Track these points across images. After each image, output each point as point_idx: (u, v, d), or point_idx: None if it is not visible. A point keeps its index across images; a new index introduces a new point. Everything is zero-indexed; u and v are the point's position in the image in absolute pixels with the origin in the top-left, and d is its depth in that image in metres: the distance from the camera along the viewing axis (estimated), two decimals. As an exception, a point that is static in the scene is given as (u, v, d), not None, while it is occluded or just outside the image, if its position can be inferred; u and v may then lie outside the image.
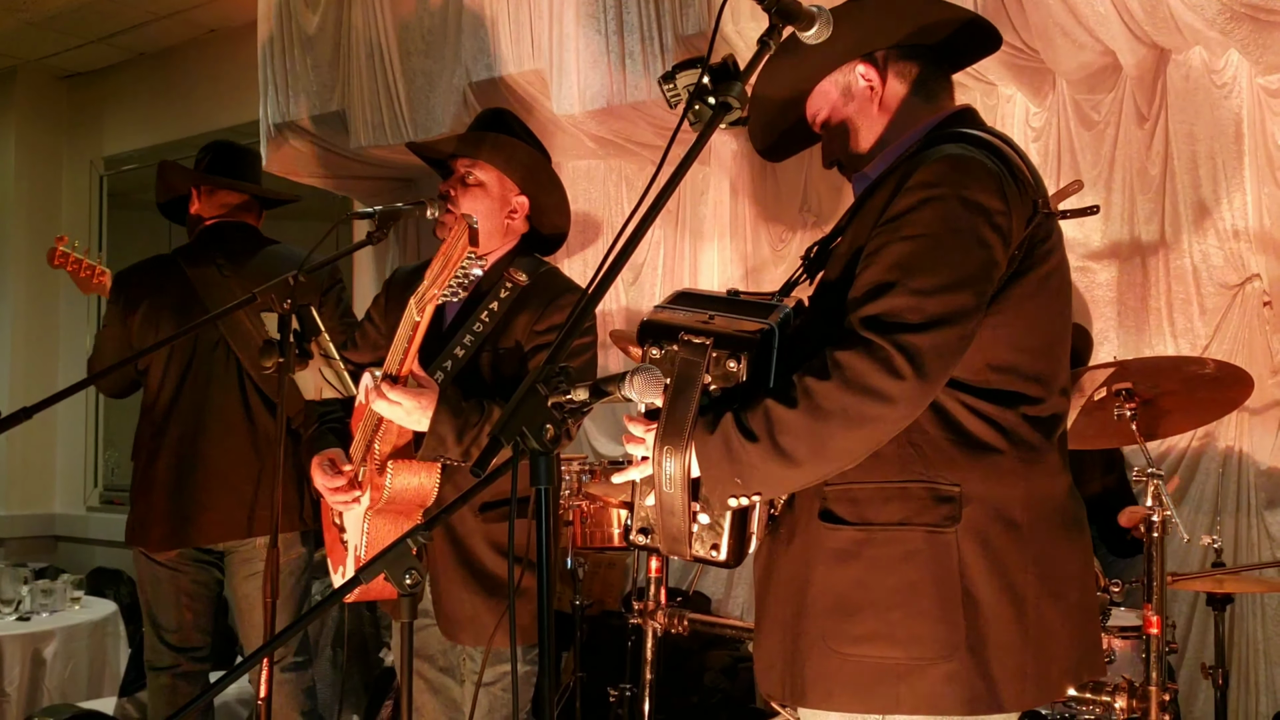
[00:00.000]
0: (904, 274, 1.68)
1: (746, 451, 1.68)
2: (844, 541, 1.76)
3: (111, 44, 7.39)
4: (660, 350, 1.73)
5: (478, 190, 2.72)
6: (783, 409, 1.67)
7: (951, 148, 1.77)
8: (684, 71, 1.72)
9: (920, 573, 1.72)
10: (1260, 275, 3.79)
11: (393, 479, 2.48)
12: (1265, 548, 3.73)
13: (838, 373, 1.65)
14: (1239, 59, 3.78)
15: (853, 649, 1.74)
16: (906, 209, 1.72)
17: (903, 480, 1.75)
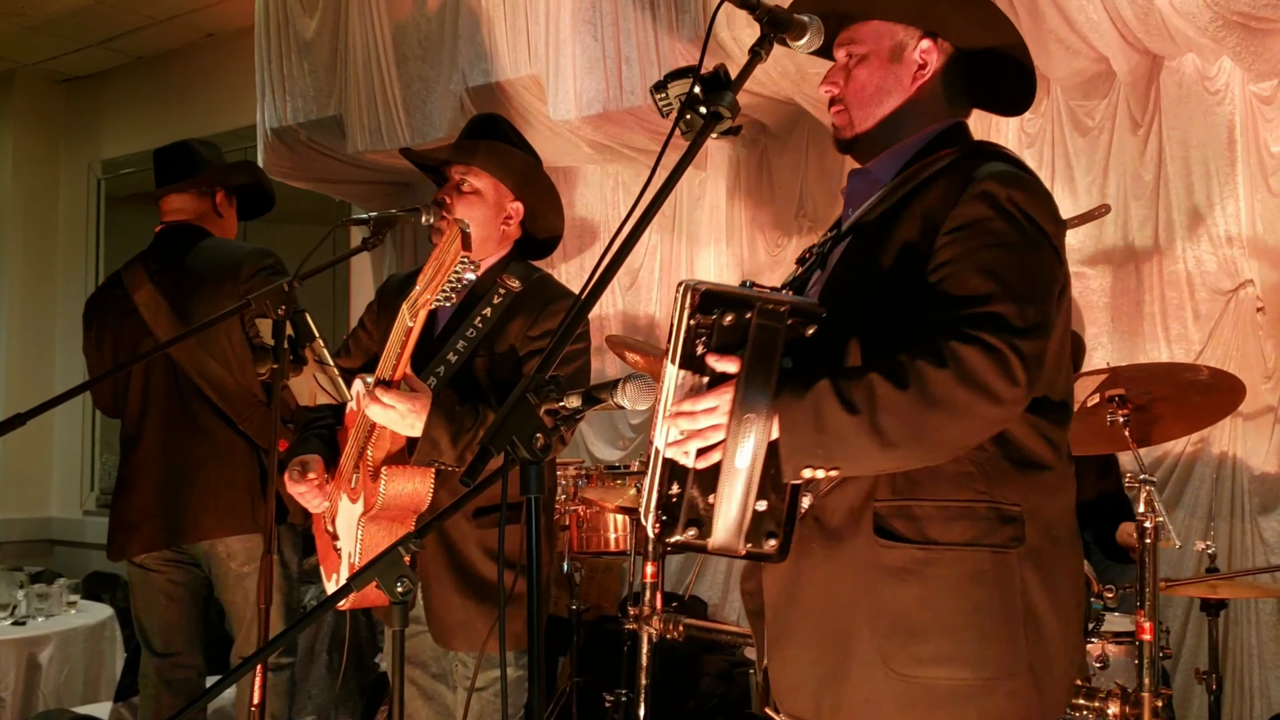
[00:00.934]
0: (1000, 281, 1.68)
1: (840, 422, 1.62)
2: (903, 560, 1.71)
3: (109, 48, 7.39)
4: (733, 316, 1.64)
5: (473, 197, 2.73)
6: (890, 387, 1.62)
7: (1003, 165, 1.80)
8: (676, 81, 1.72)
9: (988, 593, 1.70)
10: (1254, 281, 3.80)
11: (387, 485, 2.48)
12: (1259, 553, 3.73)
13: (955, 365, 1.61)
14: (1231, 66, 3.80)
15: (920, 671, 1.69)
16: (980, 217, 1.71)
17: (966, 499, 1.72)
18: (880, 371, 1.64)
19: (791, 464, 1.67)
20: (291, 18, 5.49)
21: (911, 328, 1.69)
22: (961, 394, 1.61)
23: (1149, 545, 2.67)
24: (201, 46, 7.24)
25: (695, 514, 1.71)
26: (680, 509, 1.71)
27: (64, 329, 7.85)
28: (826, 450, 1.64)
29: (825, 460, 1.66)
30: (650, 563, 3.31)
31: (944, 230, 1.73)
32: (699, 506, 1.71)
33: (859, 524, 1.74)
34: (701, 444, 1.67)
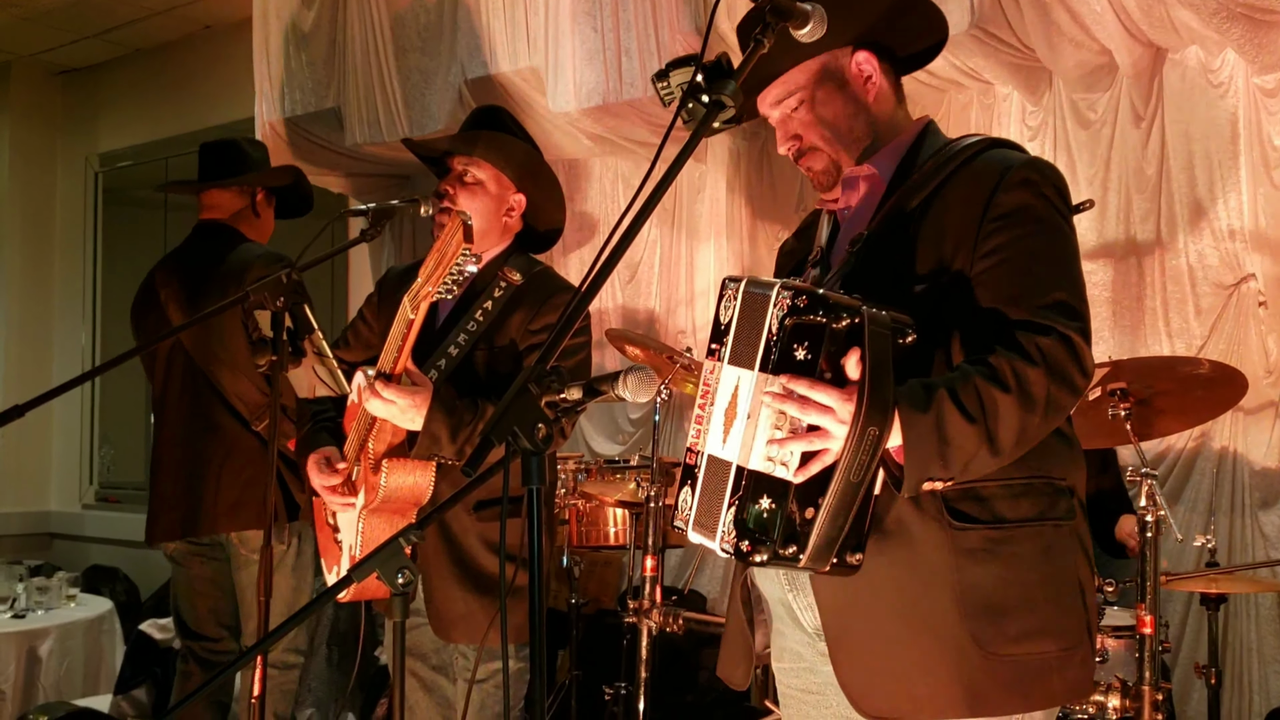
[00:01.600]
0: (1055, 267, 1.72)
1: (961, 433, 1.60)
2: (978, 541, 1.71)
3: (107, 40, 7.37)
4: (848, 321, 1.57)
5: (476, 188, 2.71)
6: (997, 391, 1.62)
7: (1024, 154, 1.83)
8: (677, 70, 1.71)
9: (1056, 566, 1.75)
10: (1256, 275, 3.79)
11: (387, 478, 2.48)
12: (1259, 547, 3.73)
13: (1043, 361, 1.64)
14: (1235, 58, 3.78)
15: (1013, 649, 1.70)
16: (1025, 204, 1.74)
17: (1025, 476, 1.74)
18: (982, 375, 1.64)
19: (914, 478, 1.62)
20: (290, 10, 5.48)
21: (984, 318, 1.71)
22: (1053, 389, 1.64)
23: (1150, 539, 2.66)
24: (199, 38, 7.23)
25: (793, 530, 1.59)
26: (777, 525, 1.58)
27: (61, 321, 7.85)
28: (947, 461, 1.62)
29: (945, 471, 1.63)
30: (649, 556, 3.30)
31: (990, 217, 1.74)
32: (797, 521, 1.59)
33: (924, 512, 1.72)
34: (806, 447, 1.58)
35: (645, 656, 3.29)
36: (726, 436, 1.67)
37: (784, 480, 1.59)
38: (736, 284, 1.74)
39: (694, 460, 1.75)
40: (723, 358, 1.73)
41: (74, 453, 7.80)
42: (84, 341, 7.72)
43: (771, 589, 1.92)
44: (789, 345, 1.60)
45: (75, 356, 7.74)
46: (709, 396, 1.74)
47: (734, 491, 1.63)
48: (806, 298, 1.59)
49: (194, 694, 1.65)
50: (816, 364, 1.58)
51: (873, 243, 1.82)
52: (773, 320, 1.62)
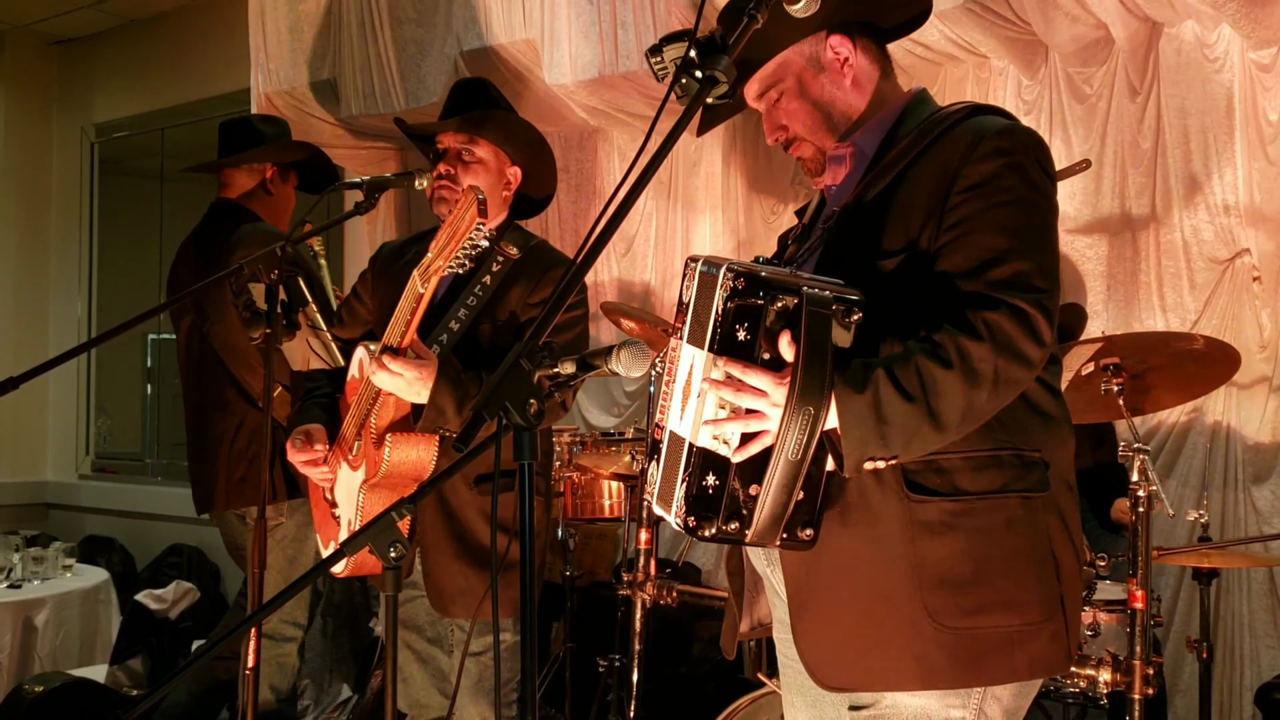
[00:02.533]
0: (1016, 239, 1.69)
1: (899, 411, 1.61)
2: (936, 513, 1.71)
3: (102, 10, 7.32)
4: (784, 302, 1.59)
5: (477, 166, 2.74)
6: (938, 369, 1.62)
7: (1007, 121, 1.81)
8: (671, 45, 1.70)
9: (1021, 539, 1.73)
10: (1250, 250, 3.79)
11: (391, 452, 2.48)
12: (1252, 522, 3.75)
13: (989, 335, 1.63)
14: (1231, 33, 3.77)
15: (968, 622, 1.70)
16: (991, 175, 1.72)
17: (990, 449, 1.73)
18: (924, 353, 1.63)
19: (854, 458, 1.63)
20: (285, -20, 5.44)
21: (938, 294, 1.70)
22: (1001, 363, 1.63)
23: (1142, 514, 2.67)
24: (195, 9, 7.18)
25: (736, 506, 1.64)
26: (720, 501, 1.63)
27: (57, 292, 7.84)
28: (887, 440, 1.62)
29: (885, 450, 1.63)
30: (644, 529, 3.31)
31: (957, 189, 1.73)
32: (739, 498, 1.64)
33: (884, 484, 1.72)
34: (743, 429, 1.61)
35: (639, 629, 3.30)
36: (683, 413, 1.70)
37: (725, 458, 1.63)
38: (694, 263, 1.75)
39: (659, 435, 1.78)
40: (682, 335, 1.76)
41: (70, 423, 7.81)
42: (80, 312, 7.72)
43: (756, 563, 1.95)
44: (731, 327, 1.62)
45: (71, 327, 7.74)
46: (671, 373, 1.78)
47: (686, 468, 1.66)
48: (745, 279, 1.61)
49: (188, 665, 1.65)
50: (755, 345, 1.61)
51: (845, 218, 1.83)
52: (719, 301, 1.64)
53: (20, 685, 4.27)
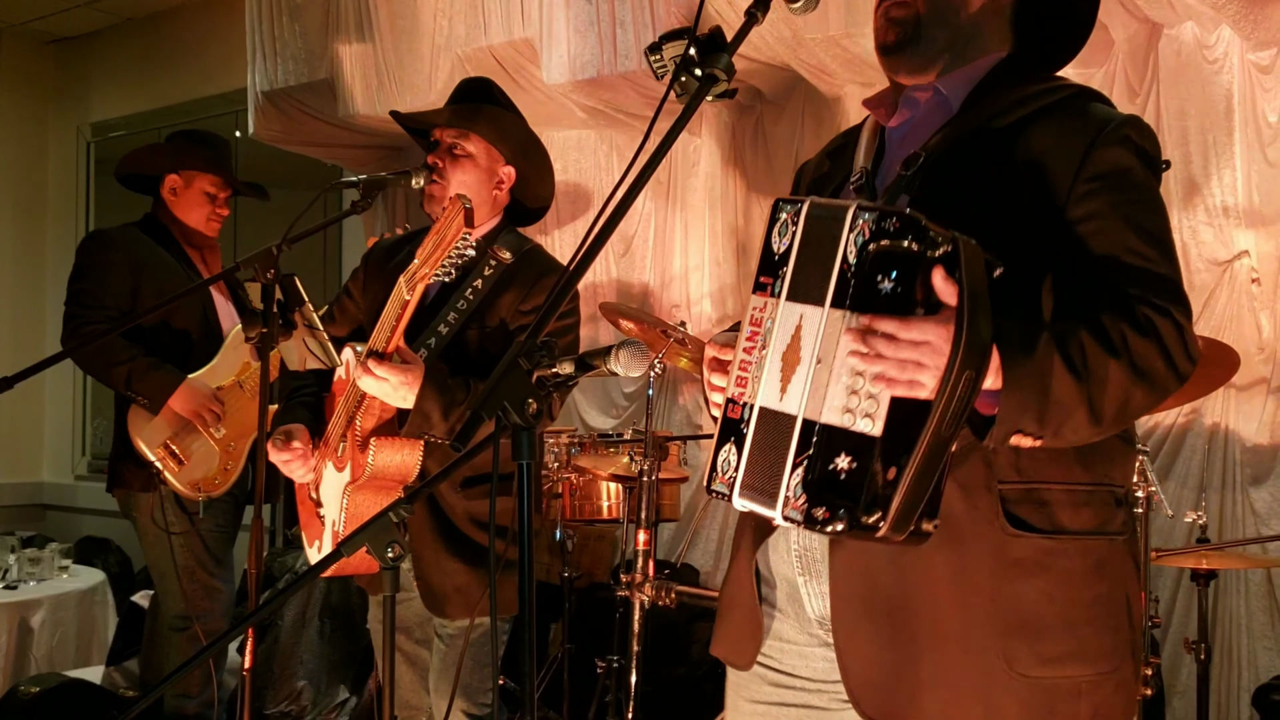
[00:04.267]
0: (1160, 245, 1.57)
1: (1064, 387, 1.42)
2: (1032, 551, 1.54)
3: (98, 9, 7.31)
4: (942, 248, 1.35)
5: (466, 162, 2.69)
6: (1105, 353, 1.45)
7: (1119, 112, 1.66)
8: (671, 43, 1.68)
9: (1108, 584, 1.59)
10: (1249, 252, 3.78)
11: (375, 456, 2.48)
12: (1250, 524, 3.74)
13: (1155, 336, 1.48)
14: (1230, 35, 3.77)
15: (1044, 671, 1.54)
16: (1127, 166, 1.58)
17: (1091, 482, 1.58)
18: (1090, 332, 1.46)
19: (1006, 427, 1.43)
20: (283, -21, 5.44)
21: (1087, 278, 1.54)
22: (1161, 368, 1.49)
23: (1140, 515, 2.67)
24: (192, 8, 7.17)
25: (876, 492, 1.36)
26: (860, 487, 1.35)
27: (54, 292, 7.80)
28: (1043, 417, 1.43)
29: (1039, 427, 1.44)
30: (642, 530, 3.31)
31: (1088, 173, 1.57)
32: (879, 483, 1.36)
33: (978, 509, 1.54)
34: (904, 391, 1.35)
35: (638, 630, 3.30)
36: (786, 386, 1.46)
37: (867, 435, 1.36)
38: (795, 205, 1.52)
39: (738, 414, 1.52)
40: (778, 292, 1.50)
41: (66, 424, 7.80)
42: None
43: (783, 567, 1.73)
44: (872, 276, 1.38)
45: (67, 328, 7.72)
46: (759, 339, 1.52)
47: (801, 449, 1.42)
48: (897, 220, 1.37)
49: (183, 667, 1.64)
50: (911, 297, 1.36)
51: (936, 165, 1.63)
52: (849, 246, 1.41)
53: (16, 686, 4.26)
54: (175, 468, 3.59)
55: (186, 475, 3.60)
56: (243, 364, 3.69)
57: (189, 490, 3.58)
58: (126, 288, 3.67)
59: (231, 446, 3.66)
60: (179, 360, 3.65)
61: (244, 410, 3.66)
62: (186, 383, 3.57)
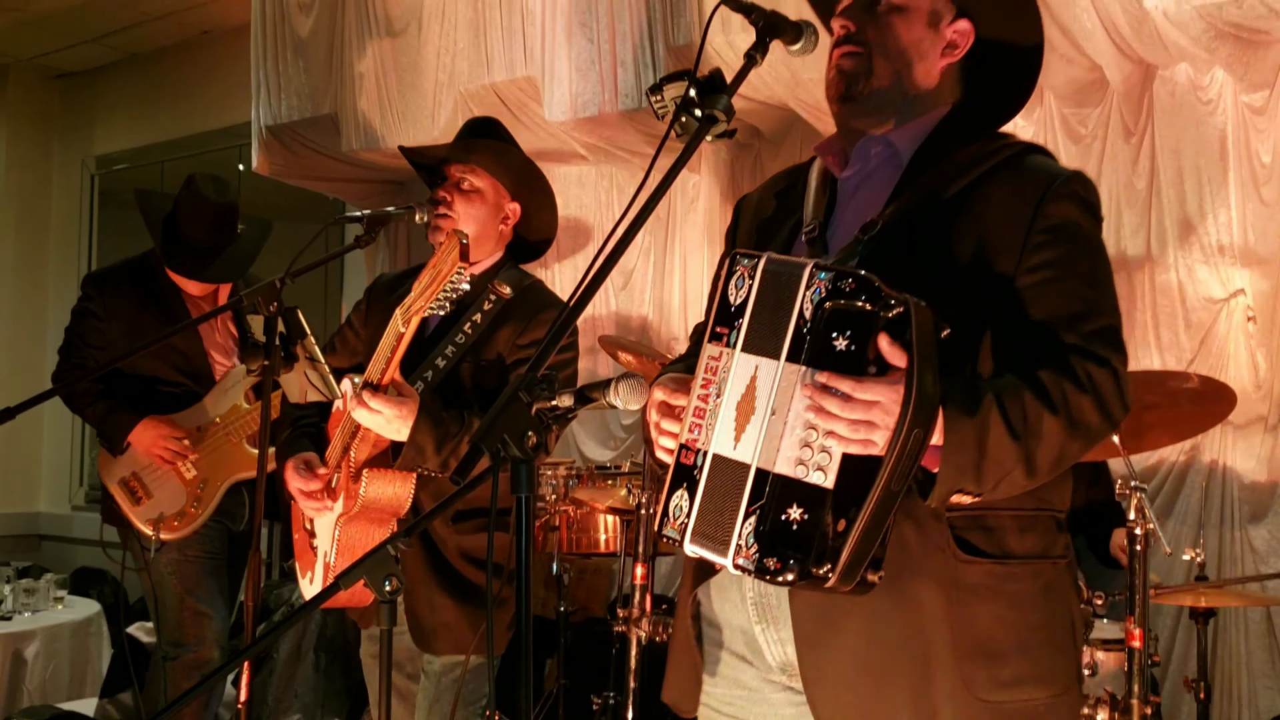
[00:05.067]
0: (1102, 293, 1.64)
1: (1001, 447, 1.47)
2: (982, 576, 1.58)
3: (105, 44, 7.38)
4: (895, 310, 1.40)
5: (474, 196, 2.71)
6: (1045, 410, 1.50)
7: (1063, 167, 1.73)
8: (671, 84, 1.71)
9: (1056, 606, 1.64)
10: (1245, 290, 3.81)
11: (367, 487, 2.48)
12: (1249, 562, 3.74)
13: (1092, 389, 1.54)
14: (1224, 76, 3.81)
15: (1002, 695, 1.57)
16: (1075, 220, 1.64)
17: (1034, 507, 1.63)
18: (1031, 391, 1.52)
19: (946, 487, 1.48)
20: (288, 15, 5.49)
21: (1029, 335, 1.59)
22: (1096, 420, 1.55)
23: (1139, 552, 2.67)
24: (197, 43, 7.24)
25: (826, 544, 1.39)
26: (811, 538, 1.39)
27: (55, 324, 7.83)
28: (982, 475, 1.48)
29: (977, 485, 1.49)
30: (640, 564, 3.30)
31: (1039, 227, 1.62)
32: (829, 535, 1.40)
33: (929, 538, 1.57)
34: (855, 449, 1.40)
35: (634, 666, 3.29)
36: (740, 435, 1.50)
37: (819, 487, 1.41)
38: (752, 260, 1.56)
39: (691, 460, 1.56)
40: (733, 343, 1.55)
41: (64, 454, 7.80)
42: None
43: (734, 616, 1.73)
44: (827, 333, 1.44)
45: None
46: (713, 387, 1.56)
47: (754, 498, 1.45)
48: (853, 280, 1.42)
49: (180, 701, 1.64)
50: (863, 355, 1.41)
51: (891, 232, 1.67)
52: (805, 303, 1.46)
53: (9, 718, 4.23)
54: (131, 504, 3.60)
55: (145, 512, 3.59)
56: (231, 406, 3.67)
57: (146, 527, 3.56)
58: (116, 332, 3.69)
59: (202, 487, 3.62)
60: (164, 401, 3.65)
61: (222, 453, 3.65)
62: (144, 422, 3.58)
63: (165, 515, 3.58)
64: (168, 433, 3.59)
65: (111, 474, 3.62)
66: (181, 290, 3.76)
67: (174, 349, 3.66)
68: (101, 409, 3.60)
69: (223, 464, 3.64)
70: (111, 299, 3.71)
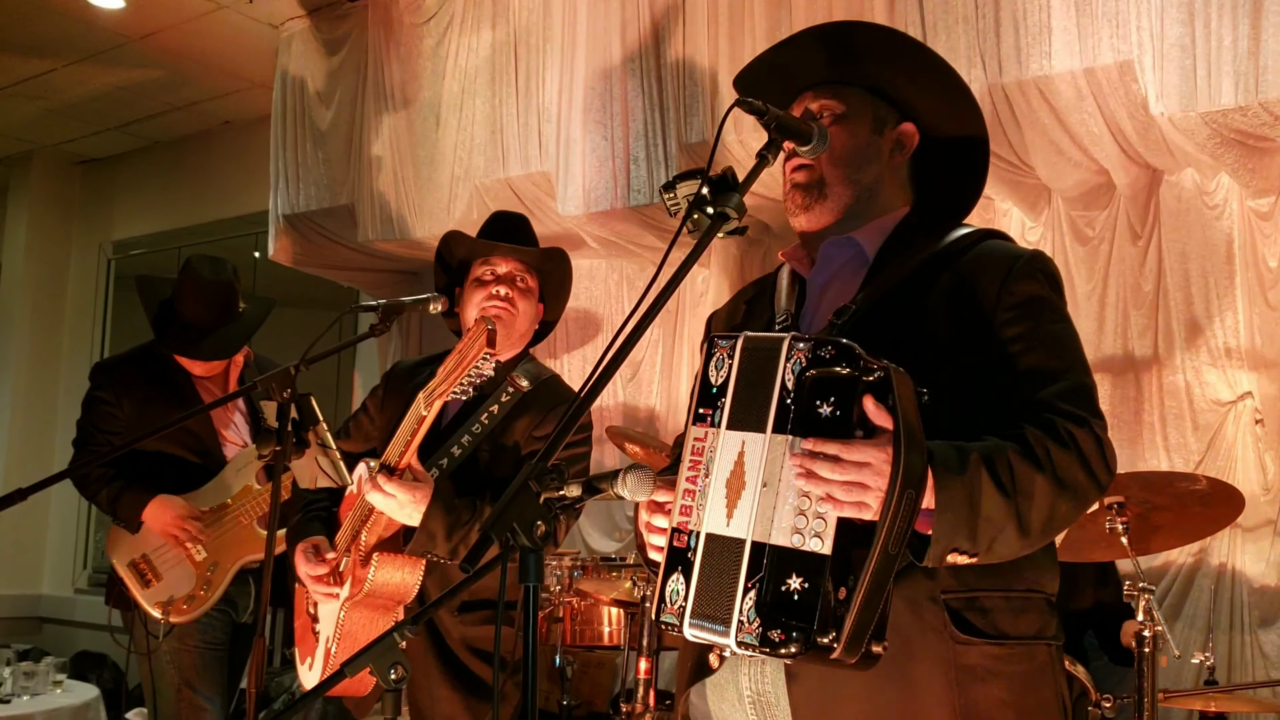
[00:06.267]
0: (1074, 357, 1.69)
1: (993, 504, 1.49)
2: (982, 658, 1.59)
3: (127, 132, 7.53)
4: (876, 374, 1.43)
5: (528, 295, 2.83)
6: (1030, 468, 1.52)
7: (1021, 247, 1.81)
8: (684, 181, 1.75)
9: (1051, 688, 1.66)
10: (1252, 393, 3.82)
11: (376, 572, 2.48)
12: (1259, 666, 3.69)
13: (1076, 448, 1.57)
14: (1230, 182, 3.86)
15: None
16: (1040, 294, 1.72)
17: (1024, 590, 1.66)
18: (1015, 450, 1.54)
19: (941, 546, 1.48)
20: (308, 107, 5.62)
21: (1009, 399, 1.63)
22: (1082, 479, 1.57)
23: (1147, 654, 2.65)
24: (218, 133, 7.38)
25: (830, 612, 1.38)
26: (814, 607, 1.37)
27: (66, 406, 7.87)
28: (975, 535, 1.50)
29: (971, 544, 1.50)
30: (644, 658, 3.28)
31: (1006, 304, 1.69)
32: (830, 603, 1.38)
33: (925, 620, 1.59)
34: (851, 513, 1.41)
35: (637, 762, 3.25)
36: (732, 512, 1.51)
37: (817, 554, 1.41)
38: (730, 340, 1.61)
39: (684, 542, 1.56)
40: (718, 423, 1.57)
41: (69, 537, 7.77)
42: (87, 426, 7.74)
43: (733, 714, 1.73)
44: (811, 401, 1.46)
45: (77, 441, 7.75)
46: (701, 468, 1.57)
47: (752, 572, 1.44)
48: (833, 348, 1.46)
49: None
50: (849, 420, 1.43)
51: (866, 314, 1.73)
52: (787, 375, 1.49)
53: (3, 804, 4.18)
54: (141, 586, 3.58)
55: (154, 595, 3.57)
56: (243, 487, 3.67)
57: (155, 610, 3.54)
58: (129, 417, 3.71)
59: (211, 570, 3.61)
60: (176, 480, 3.65)
61: (233, 535, 3.63)
62: (158, 500, 3.58)
63: (175, 598, 3.55)
64: (184, 513, 3.59)
65: (121, 556, 3.61)
66: (190, 374, 3.79)
67: (186, 430, 3.67)
68: (116, 488, 3.61)
69: (233, 546, 3.62)
70: (121, 386, 3.74)
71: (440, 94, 5.14)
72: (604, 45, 4.57)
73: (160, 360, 3.77)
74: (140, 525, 3.59)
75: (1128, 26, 3.42)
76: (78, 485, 3.68)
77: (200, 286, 3.69)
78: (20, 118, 7.30)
